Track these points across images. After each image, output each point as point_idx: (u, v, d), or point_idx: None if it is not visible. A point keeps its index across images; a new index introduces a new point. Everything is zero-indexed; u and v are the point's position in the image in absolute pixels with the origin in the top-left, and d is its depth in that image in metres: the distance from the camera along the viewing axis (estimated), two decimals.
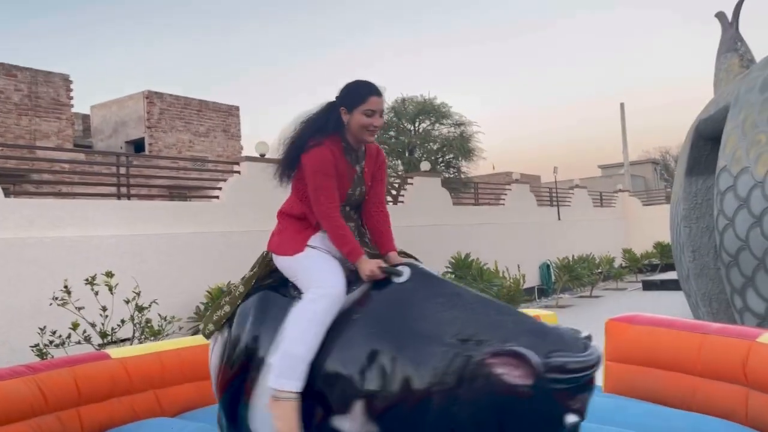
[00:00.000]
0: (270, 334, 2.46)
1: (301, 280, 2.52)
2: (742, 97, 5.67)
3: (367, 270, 2.42)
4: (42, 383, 3.33)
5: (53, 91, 13.23)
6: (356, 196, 2.71)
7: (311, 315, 2.34)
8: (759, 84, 5.53)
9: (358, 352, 2.19)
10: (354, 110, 2.56)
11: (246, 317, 2.60)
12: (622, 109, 27.96)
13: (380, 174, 2.77)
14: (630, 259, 17.58)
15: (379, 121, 2.59)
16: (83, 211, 6.49)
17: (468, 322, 2.11)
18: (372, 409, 2.10)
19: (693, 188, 6.78)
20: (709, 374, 3.10)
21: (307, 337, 2.30)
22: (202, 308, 6.89)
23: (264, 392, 2.38)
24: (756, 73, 5.74)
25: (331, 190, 2.53)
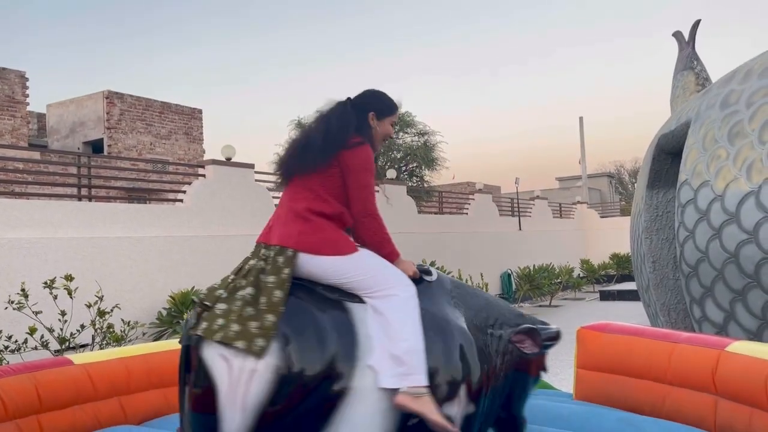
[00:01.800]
0: (346, 339, 2.28)
1: (364, 279, 2.41)
2: (703, 113, 5.86)
3: (409, 270, 2.55)
4: (1, 389, 3.19)
5: (8, 88, 12.79)
6: None
7: (413, 311, 2.39)
8: (719, 101, 5.72)
9: (446, 344, 2.42)
10: (384, 119, 2.68)
11: (303, 326, 2.30)
12: (581, 122, 28.60)
13: None
14: (588, 270, 17.96)
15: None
16: (42, 212, 6.27)
17: (490, 311, 2.66)
18: (469, 391, 2.41)
19: (654, 201, 6.96)
20: (679, 382, 3.17)
21: (418, 332, 2.36)
22: (164, 314, 6.72)
23: (365, 397, 2.23)
24: (716, 91, 5.94)
25: (374, 189, 2.55)
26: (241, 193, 8.30)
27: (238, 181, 8.34)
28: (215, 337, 2.23)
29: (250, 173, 8.59)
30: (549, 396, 3.77)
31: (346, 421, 2.22)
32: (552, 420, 3.13)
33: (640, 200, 7.20)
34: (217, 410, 2.18)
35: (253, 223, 8.27)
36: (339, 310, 2.37)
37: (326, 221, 2.48)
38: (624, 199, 38.40)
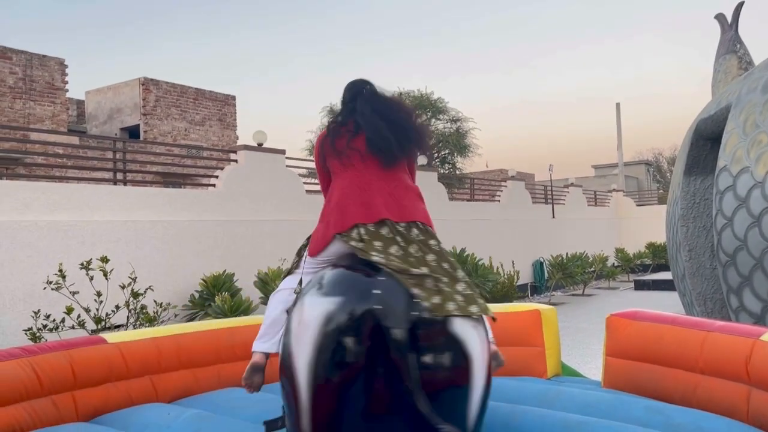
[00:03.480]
0: None
1: None
2: (744, 98, 5.67)
3: None
4: (37, 366, 3.29)
5: (48, 75, 13.10)
6: None
7: None
8: (761, 85, 5.52)
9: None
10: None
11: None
12: (617, 109, 28.03)
13: None
14: (623, 259, 17.65)
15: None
16: (80, 195, 6.42)
17: None
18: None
19: (691, 188, 6.79)
20: (711, 371, 3.09)
21: None
22: (197, 296, 6.84)
23: None
24: (758, 74, 5.74)
25: None
26: (272, 178, 8.36)
27: (269, 166, 8.41)
28: (452, 311, 2.23)
29: (281, 159, 8.64)
30: (577, 383, 3.73)
31: None
32: (579, 407, 3.09)
33: (677, 187, 7.03)
34: (471, 380, 2.25)
35: (283, 208, 8.34)
36: None
37: None
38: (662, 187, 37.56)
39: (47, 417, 3.26)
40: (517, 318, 4.00)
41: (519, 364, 3.92)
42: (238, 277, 7.07)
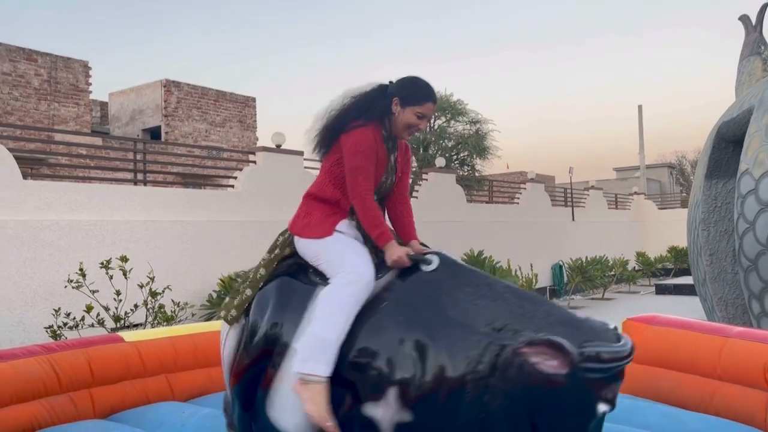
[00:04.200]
0: (293, 319, 2.40)
1: (326, 264, 2.45)
2: (767, 100, 5.58)
3: (394, 255, 2.38)
4: (56, 363, 3.35)
5: (72, 77, 13.31)
6: (387, 186, 2.67)
7: (341, 300, 2.30)
8: None
9: (390, 339, 2.17)
10: (407, 107, 2.54)
11: (266, 302, 2.52)
12: (639, 111, 27.68)
13: (407, 168, 2.77)
14: (644, 263, 17.42)
15: (424, 125, 2.64)
16: (100, 195, 6.51)
17: (500, 312, 2.09)
18: (406, 396, 2.08)
19: (713, 191, 6.69)
20: (729, 378, 3.05)
21: (337, 321, 2.26)
22: (215, 296, 6.90)
23: (288, 378, 2.31)
24: None
25: (369, 173, 2.49)
26: (290, 179, 8.41)
27: (287, 167, 8.46)
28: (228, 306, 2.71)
29: (299, 160, 8.69)
30: None
31: (278, 396, 2.35)
32: None
33: (698, 190, 6.93)
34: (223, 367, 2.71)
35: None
36: (309, 292, 2.45)
37: (319, 205, 2.57)
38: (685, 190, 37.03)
39: (65, 413, 3.31)
40: None
41: None
42: None
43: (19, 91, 12.48)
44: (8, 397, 3.08)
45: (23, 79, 12.57)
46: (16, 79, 12.46)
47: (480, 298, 2.15)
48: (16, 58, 12.48)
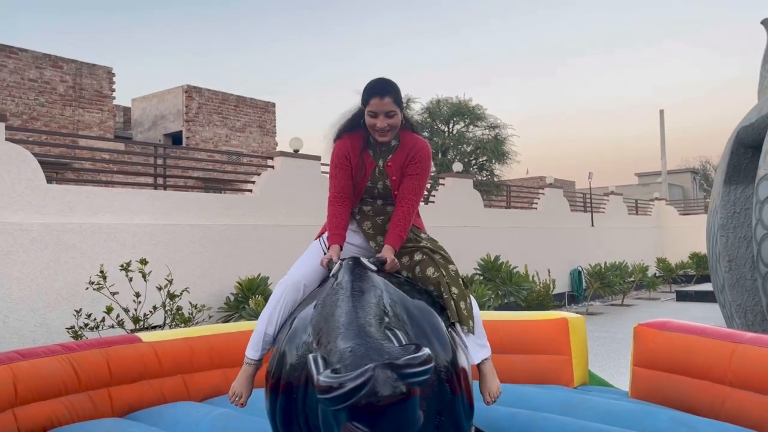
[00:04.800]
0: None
1: None
2: None
3: (323, 260, 2.63)
4: (75, 362, 3.44)
5: (96, 83, 13.58)
6: (380, 189, 2.76)
7: (272, 298, 2.69)
8: None
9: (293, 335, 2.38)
10: (365, 111, 2.66)
11: None
12: (661, 116, 27.44)
13: (411, 168, 2.75)
14: (664, 269, 17.23)
15: (383, 122, 2.62)
16: (121, 199, 6.65)
17: (326, 321, 2.15)
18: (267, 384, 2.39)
19: (731, 197, 6.63)
20: (740, 384, 3.03)
21: (265, 315, 2.67)
22: (232, 299, 6.99)
23: None
24: None
25: (338, 180, 2.72)
26: (307, 184, 8.49)
27: (304, 172, 8.55)
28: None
29: (316, 165, 8.77)
30: (603, 393, 3.69)
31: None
32: (602, 417, 3.07)
33: (717, 196, 6.87)
34: None
35: (318, 213, 8.45)
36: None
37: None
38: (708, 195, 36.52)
39: (84, 411, 3.40)
40: (544, 326, 3.99)
41: (545, 373, 3.91)
42: (273, 281, 7.20)
43: (45, 97, 12.77)
44: (29, 395, 3.17)
45: (49, 85, 12.85)
46: (42, 86, 12.74)
47: (334, 305, 2.22)
48: (42, 64, 12.77)
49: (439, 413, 2.13)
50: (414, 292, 2.53)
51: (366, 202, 2.80)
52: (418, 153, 2.75)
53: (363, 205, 2.81)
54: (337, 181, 2.71)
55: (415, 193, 2.78)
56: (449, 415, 2.17)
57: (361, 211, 2.82)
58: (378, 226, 2.79)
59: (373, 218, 2.80)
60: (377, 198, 2.78)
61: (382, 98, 2.59)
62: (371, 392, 1.69)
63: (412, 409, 1.78)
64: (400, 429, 1.77)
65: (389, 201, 2.78)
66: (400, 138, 2.75)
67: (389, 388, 1.71)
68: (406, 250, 2.72)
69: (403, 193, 2.75)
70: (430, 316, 2.40)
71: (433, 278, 2.61)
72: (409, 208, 2.74)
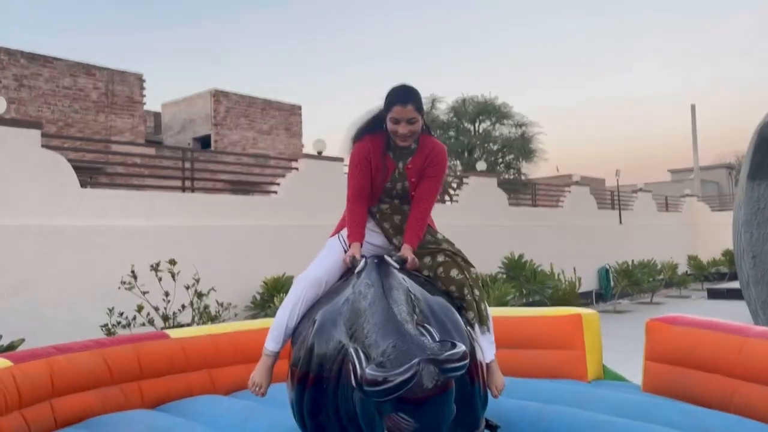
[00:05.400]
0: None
1: None
2: None
3: (347, 258, 2.74)
4: (108, 357, 3.63)
5: (128, 89, 13.95)
6: (399, 191, 2.85)
7: (290, 293, 2.82)
8: None
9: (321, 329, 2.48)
10: (386, 117, 2.73)
11: None
12: (693, 112, 27.02)
13: (430, 171, 2.82)
14: (696, 267, 16.98)
15: (405, 129, 2.70)
16: (151, 202, 6.89)
17: (360, 316, 2.29)
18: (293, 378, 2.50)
19: (755, 193, 6.58)
20: (749, 377, 3.07)
21: (285, 309, 2.79)
22: (258, 298, 7.18)
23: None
24: None
25: (357, 180, 2.80)
26: (330, 185, 8.65)
27: (327, 173, 8.70)
28: None
29: (339, 166, 8.92)
30: (616, 387, 3.74)
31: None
32: (612, 409, 3.13)
33: (741, 192, 6.83)
34: None
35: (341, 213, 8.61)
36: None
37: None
38: None
39: (116, 403, 3.59)
40: (559, 322, 4.05)
41: (560, 367, 3.97)
42: None
43: (79, 104, 13.18)
44: (65, 387, 3.37)
45: (82, 92, 13.26)
46: (76, 93, 13.15)
47: (366, 301, 2.34)
48: (76, 73, 13.18)
49: (459, 402, 2.25)
50: (434, 291, 2.64)
51: (384, 201, 2.89)
52: (436, 156, 2.83)
53: (381, 204, 2.89)
54: (356, 181, 2.80)
55: (432, 195, 2.88)
56: (468, 404, 2.30)
57: (379, 210, 2.90)
58: (396, 225, 2.87)
59: (391, 217, 2.88)
60: (395, 198, 2.87)
61: (404, 106, 2.67)
62: (417, 385, 1.85)
63: (449, 400, 1.95)
64: (439, 418, 1.92)
65: (406, 201, 2.87)
66: (418, 141, 2.83)
67: (432, 381, 1.87)
68: (427, 251, 2.81)
69: (421, 194, 2.82)
70: (450, 313, 2.51)
71: (458, 280, 2.71)
72: (426, 208, 2.83)
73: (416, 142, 2.83)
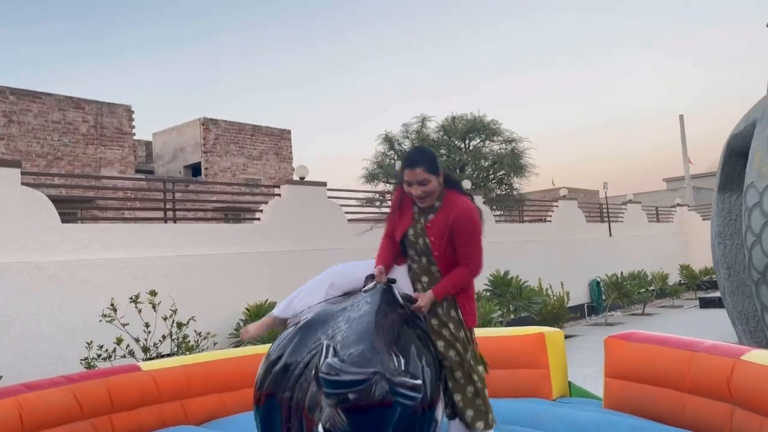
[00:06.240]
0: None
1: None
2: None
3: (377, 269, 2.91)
4: (77, 392, 3.69)
5: (117, 121, 14.15)
6: (420, 246, 2.87)
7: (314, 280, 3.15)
8: None
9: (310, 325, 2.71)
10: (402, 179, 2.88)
11: None
12: (681, 121, 27.31)
13: (459, 238, 2.83)
14: (688, 276, 17.03)
15: (417, 190, 2.78)
16: (132, 234, 6.98)
17: (347, 322, 2.51)
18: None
19: (726, 204, 6.68)
20: (698, 391, 3.15)
21: (303, 290, 3.15)
22: (242, 324, 7.24)
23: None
24: None
25: (390, 222, 3.02)
26: (313, 209, 8.76)
27: (311, 199, 8.81)
28: None
29: (322, 191, 9.04)
30: (578, 404, 3.81)
31: None
32: (567, 427, 3.21)
33: (713, 203, 6.91)
34: None
35: (326, 238, 8.70)
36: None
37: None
38: None
39: None
40: (522, 341, 4.13)
41: (525, 386, 4.04)
42: None
43: (68, 138, 13.35)
44: (34, 424, 3.43)
45: (72, 126, 13.45)
46: (65, 126, 13.34)
47: (358, 314, 2.56)
48: (65, 107, 13.38)
49: None
50: (426, 341, 2.74)
51: (413, 260, 2.91)
52: (461, 219, 2.81)
53: (412, 263, 2.93)
54: (389, 223, 3.01)
55: (470, 260, 2.87)
56: None
57: (412, 269, 2.94)
58: (424, 289, 2.87)
59: (420, 278, 2.90)
60: (421, 255, 2.88)
61: (413, 169, 2.75)
62: (365, 392, 1.99)
63: (387, 422, 2.07)
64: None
65: (431, 260, 2.86)
66: (443, 198, 2.85)
67: (379, 395, 2.00)
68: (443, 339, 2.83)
69: (460, 258, 2.86)
70: (427, 357, 2.64)
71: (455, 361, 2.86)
72: (463, 273, 2.85)
73: (440, 199, 2.85)
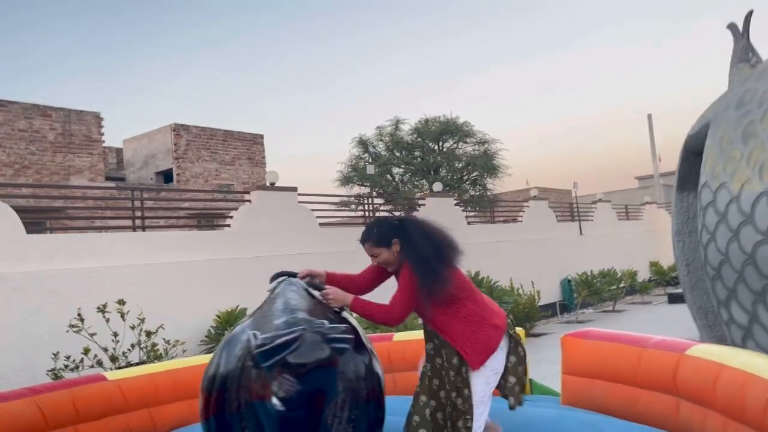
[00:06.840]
0: None
1: None
2: (721, 114, 5.80)
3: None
4: (41, 404, 3.69)
5: (85, 128, 14.01)
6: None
7: None
8: (735, 101, 5.65)
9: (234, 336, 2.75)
10: None
11: None
12: (649, 120, 27.83)
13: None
14: (657, 272, 17.38)
15: (374, 261, 3.07)
16: (99, 243, 6.95)
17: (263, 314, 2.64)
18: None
19: (684, 203, 6.88)
20: (647, 385, 3.27)
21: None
22: (213, 331, 7.26)
23: None
24: (735, 90, 5.86)
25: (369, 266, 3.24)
26: (284, 215, 8.79)
27: (281, 204, 8.85)
28: None
29: (293, 196, 9.08)
30: (536, 402, 3.91)
31: None
32: (524, 424, 3.30)
33: (673, 202, 7.11)
34: None
35: (297, 242, 8.74)
36: None
37: None
38: None
39: None
40: None
41: None
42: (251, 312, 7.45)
43: (36, 146, 13.19)
44: None
45: (39, 134, 13.29)
46: (32, 135, 13.17)
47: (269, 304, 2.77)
48: (31, 115, 13.22)
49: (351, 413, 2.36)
50: (344, 317, 2.81)
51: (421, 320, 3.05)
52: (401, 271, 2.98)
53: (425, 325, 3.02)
54: (369, 266, 3.20)
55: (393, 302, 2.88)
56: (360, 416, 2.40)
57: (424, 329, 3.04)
58: (430, 355, 2.95)
59: (427, 344, 3.00)
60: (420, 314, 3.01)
61: (363, 245, 3.06)
62: (300, 352, 2.05)
63: (332, 379, 2.12)
64: (319, 395, 2.11)
65: (429, 321, 2.94)
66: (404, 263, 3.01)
67: (316, 351, 2.08)
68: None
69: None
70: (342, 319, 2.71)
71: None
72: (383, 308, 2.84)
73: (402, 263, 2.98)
